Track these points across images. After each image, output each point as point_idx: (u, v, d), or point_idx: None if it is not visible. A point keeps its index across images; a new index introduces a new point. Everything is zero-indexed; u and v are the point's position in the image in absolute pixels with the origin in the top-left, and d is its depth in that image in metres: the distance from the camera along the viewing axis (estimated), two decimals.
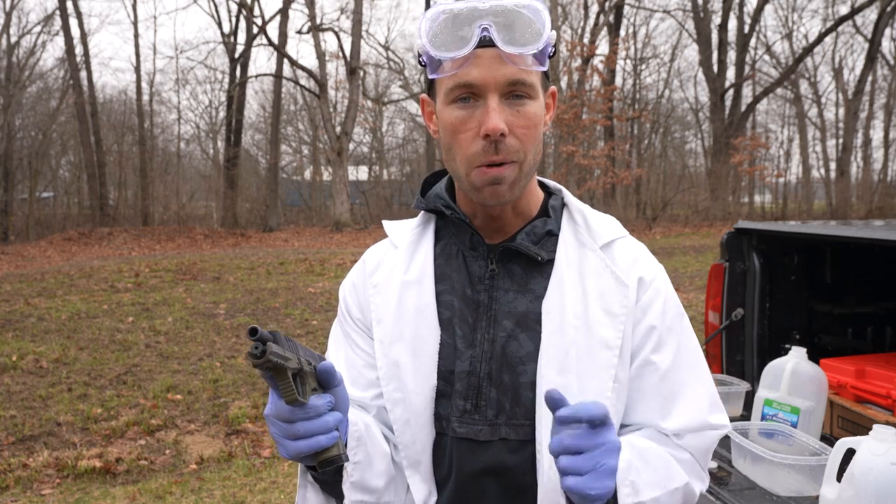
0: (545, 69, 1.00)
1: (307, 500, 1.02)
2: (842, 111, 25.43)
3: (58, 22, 23.11)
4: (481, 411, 1.02)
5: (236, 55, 24.85)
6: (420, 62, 1.00)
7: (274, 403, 0.87)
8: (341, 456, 0.89)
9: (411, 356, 1.05)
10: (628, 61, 25.71)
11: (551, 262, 1.06)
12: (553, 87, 1.08)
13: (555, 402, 0.85)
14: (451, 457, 1.05)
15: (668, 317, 1.05)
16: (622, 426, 1.06)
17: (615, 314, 1.02)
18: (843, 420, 2.38)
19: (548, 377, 1.00)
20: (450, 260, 1.10)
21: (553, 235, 1.08)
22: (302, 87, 23.97)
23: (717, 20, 23.86)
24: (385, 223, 1.21)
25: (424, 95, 1.08)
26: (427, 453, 1.05)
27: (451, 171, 1.04)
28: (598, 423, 0.84)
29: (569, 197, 1.13)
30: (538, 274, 1.06)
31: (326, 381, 0.92)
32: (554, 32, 0.97)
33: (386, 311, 1.09)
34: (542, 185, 1.16)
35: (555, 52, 1.01)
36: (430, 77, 1.01)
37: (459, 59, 0.95)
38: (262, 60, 54.17)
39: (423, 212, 1.15)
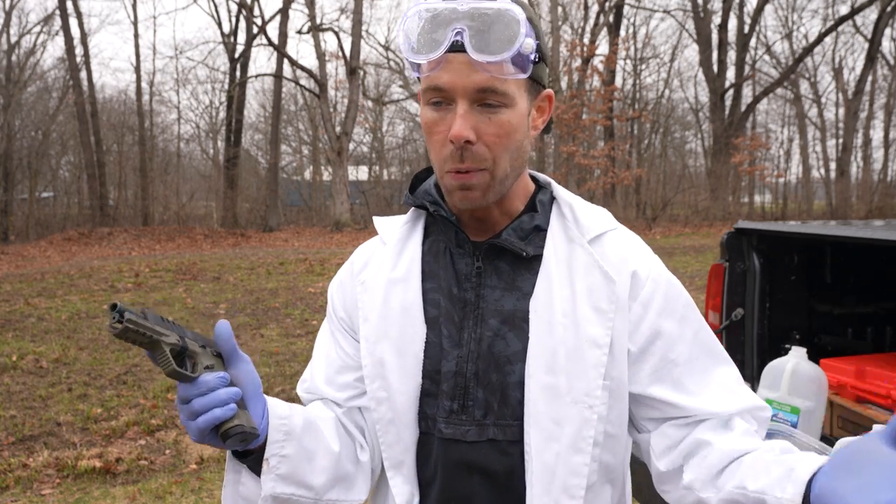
0: (527, 76, 0.96)
1: (243, 483, 1.00)
2: (842, 111, 25.46)
3: (58, 22, 23.14)
4: (468, 412, 1.01)
5: (236, 55, 24.85)
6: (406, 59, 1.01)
7: (178, 389, 0.90)
8: (242, 426, 0.90)
9: (396, 355, 1.04)
10: (628, 61, 25.74)
11: (539, 258, 1.04)
12: (549, 91, 1.05)
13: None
14: (437, 458, 1.03)
15: (678, 306, 1.04)
16: (643, 424, 1.05)
17: (603, 311, 0.99)
18: (843, 420, 2.38)
19: (536, 377, 0.98)
20: (437, 257, 1.09)
21: (541, 231, 1.06)
22: (302, 87, 23.98)
23: (717, 20, 23.89)
24: (376, 220, 1.18)
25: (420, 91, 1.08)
26: (410, 453, 1.04)
27: (433, 167, 1.04)
28: None
29: (558, 190, 1.11)
30: (526, 271, 1.04)
31: (224, 352, 0.94)
32: (530, 40, 0.93)
33: (372, 309, 1.07)
34: (532, 179, 1.13)
35: (541, 58, 0.98)
36: (413, 76, 1.01)
37: (432, 62, 0.94)
38: (262, 60, 54.18)
39: (412, 208, 1.13)
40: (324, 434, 1.04)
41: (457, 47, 0.92)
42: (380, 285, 1.08)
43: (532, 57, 0.96)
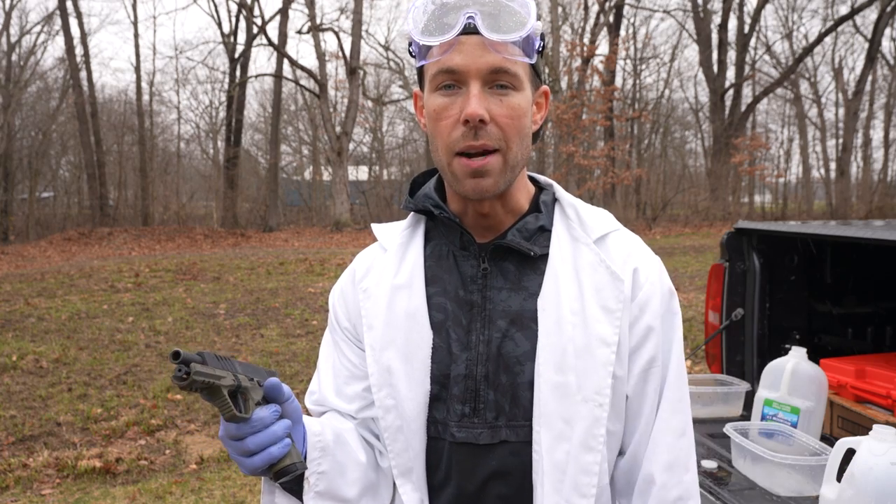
0: (532, 62, 0.98)
1: (277, 503, 1.02)
2: (842, 111, 25.43)
3: (58, 22, 23.15)
4: (480, 414, 1.01)
5: (236, 55, 24.85)
6: (410, 52, 1.01)
7: (223, 424, 0.91)
8: (295, 465, 0.92)
9: (403, 361, 1.03)
10: (628, 61, 25.74)
11: (545, 258, 1.04)
12: (545, 87, 1.06)
13: None
14: (449, 462, 1.03)
15: (666, 315, 1.05)
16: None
17: (611, 310, 1.00)
18: (843, 420, 2.38)
19: (546, 376, 0.98)
20: (440, 261, 1.08)
21: (546, 231, 1.06)
22: (302, 87, 23.97)
23: (717, 20, 23.88)
24: (374, 226, 1.18)
25: (417, 89, 1.08)
26: (420, 460, 1.04)
27: (436, 162, 1.03)
28: None
29: (560, 191, 1.11)
30: (532, 271, 1.04)
31: (274, 398, 0.95)
32: (540, 23, 0.96)
33: (376, 317, 1.07)
34: (532, 180, 1.14)
35: (543, 48, 1.00)
36: (418, 65, 1.01)
37: (444, 44, 0.95)
38: (262, 60, 54.18)
39: (412, 213, 1.13)
40: (351, 446, 1.05)
41: (469, 30, 0.94)
42: (383, 292, 1.07)
43: (537, 45, 0.98)
